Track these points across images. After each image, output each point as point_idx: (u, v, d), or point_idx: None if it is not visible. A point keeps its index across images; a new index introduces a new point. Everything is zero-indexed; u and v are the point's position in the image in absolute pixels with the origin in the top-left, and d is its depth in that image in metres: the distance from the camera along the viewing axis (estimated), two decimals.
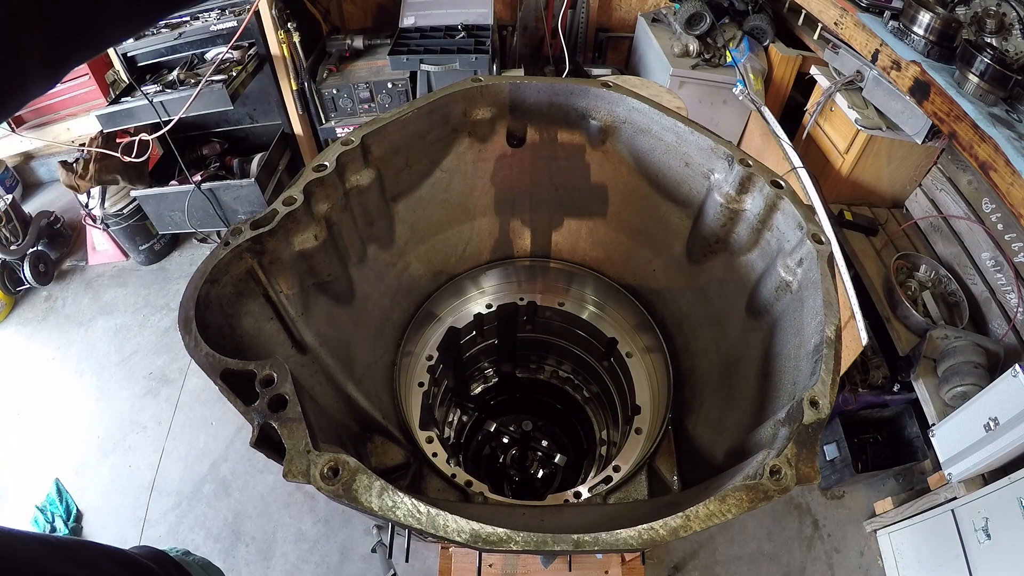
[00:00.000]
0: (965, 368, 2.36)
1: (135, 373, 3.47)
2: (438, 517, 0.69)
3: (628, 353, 1.65)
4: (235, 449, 3.10)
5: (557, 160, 1.50)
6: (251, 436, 0.77)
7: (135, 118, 2.96)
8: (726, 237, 1.32)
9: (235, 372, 0.82)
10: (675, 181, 1.38)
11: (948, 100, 2.06)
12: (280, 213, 1.06)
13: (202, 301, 0.93)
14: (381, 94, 3.43)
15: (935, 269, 2.90)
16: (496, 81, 1.32)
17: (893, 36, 2.38)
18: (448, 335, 1.68)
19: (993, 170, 1.89)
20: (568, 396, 2.09)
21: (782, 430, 0.90)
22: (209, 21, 3.11)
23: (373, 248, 1.43)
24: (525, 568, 2.16)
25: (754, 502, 0.74)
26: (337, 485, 0.70)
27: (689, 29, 3.54)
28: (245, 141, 3.73)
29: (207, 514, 2.88)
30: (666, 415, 1.45)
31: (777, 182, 1.14)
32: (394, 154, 1.31)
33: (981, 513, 2.11)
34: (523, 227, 1.72)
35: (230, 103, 2.86)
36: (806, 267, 1.08)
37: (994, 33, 2.22)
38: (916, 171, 3.13)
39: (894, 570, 2.58)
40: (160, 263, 4.10)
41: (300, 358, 1.24)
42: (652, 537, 0.71)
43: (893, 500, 2.69)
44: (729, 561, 2.70)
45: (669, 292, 1.59)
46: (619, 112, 1.35)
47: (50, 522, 2.82)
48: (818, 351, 0.92)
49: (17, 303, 3.91)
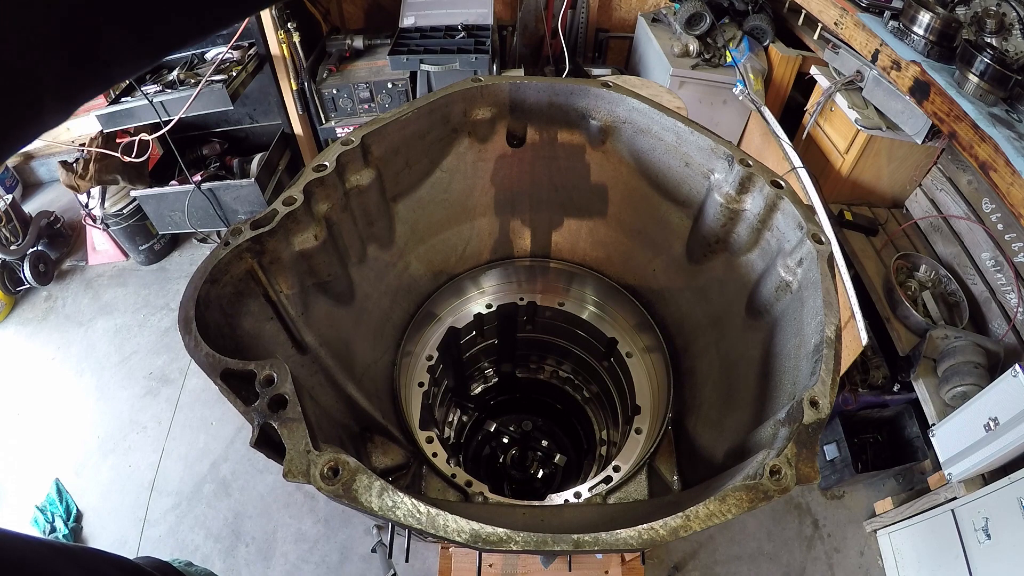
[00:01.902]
0: (965, 368, 2.36)
1: (135, 373, 3.48)
2: (438, 517, 0.69)
3: (628, 353, 1.65)
4: (235, 449, 3.11)
5: (557, 160, 1.50)
6: (251, 436, 0.77)
7: (135, 118, 2.96)
8: (726, 237, 1.32)
9: (235, 372, 0.82)
10: (675, 181, 1.38)
11: (948, 100, 2.06)
12: (280, 213, 1.06)
13: (202, 301, 0.93)
14: (381, 94, 3.44)
15: (935, 269, 2.90)
16: (496, 81, 1.32)
17: (893, 36, 2.38)
18: (448, 335, 1.68)
19: (993, 170, 1.89)
20: (568, 396, 2.09)
21: (782, 430, 0.90)
22: None
23: (373, 248, 1.43)
24: (525, 568, 2.16)
25: (754, 502, 0.74)
26: (337, 485, 0.70)
27: (689, 29, 3.55)
28: (245, 141, 3.74)
29: (207, 514, 2.89)
30: (666, 415, 1.45)
31: (777, 182, 1.14)
32: (394, 154, 1.31)
33: (981, 513, 2.11)
34: (523, 227, 1.72)
35: (230, 103, 2.87)
36: (806, 267, 1.08)
37: (994, 33, 2.22)
38: (916, 171, 3.13)
39: (894, 570, 2.58)
40: (160, 263, 4.10)
41: (300, 358, 1.24)
42: (652, 537, 0.71)
43: (893, 500, 2.69)
44: (729, 561, 2.70)
45: (669, 292, 1.59)
46: (619, 112, 1.35)
47: (50, 522, 2.82)
48: (818, 351, 0.93)
49: (17, 303, 3.91)
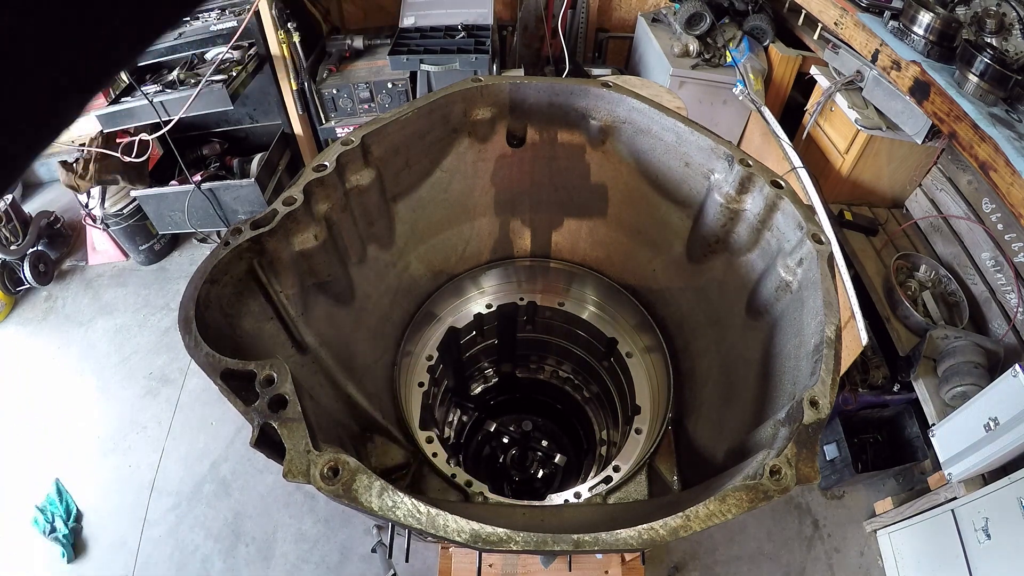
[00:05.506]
0: (965, 368, 2.36)
1: (135, 373, 3.47)
2: (438, 517, 0.69)
3: (628, 353, 1.65)
4: (235, 449, 3.10)
5: (557, 160, 1.50)
6: (251, 436, 0.77)
7: (135, 118, 2.96)
8: (726, 237, 1.32)
9: (235, 372, 0.82)
10: (675, 181, 1.38)
11: (948, 100, 2.06)
12: (280, 213, 1.06)
13: (202, 301, 0.93)
14: (381, 94, 3.44)
15: (935, 269, 2.90)
16: (496, 81, 1.32)
17: (893, 36, 2.38)
18: (448, 335, 1.68)
19: (993, 170, 1.89)
20: (568, 396, 2.09)
21: (782, 430, 0.90)
22: (209, 21, 3.11)
23: (373, 248, 1.43)
24: (525, 568, 2.16)
25: (754, 502, 0.74)
26: (337, 485, 0.70)
27: (689, 29, 3.55)
28: (245, 141, 3.73)
29: (207, 514, 2.88)
30: (666, 415, 1.45)
31: (777, 182, 1.14)
32: (394, 154, 1.31)
33: (981, 513, 2.11)
34: (523, 227, 1.72)
35: (230, 103, 2.87)
36: (806, 267, 1.08)
37: (994, 33, 2.22)
38: (916, 171, 3.13)
39: (894, 570, 2.58)
40: (160, 263, 4.10)
41: (300, 358, 1.24)
42: (652, 537, 0.71)
43: (893, 500, 2.69)
44: (729, 561, 2.70)
45: (669, 292, 1.59)
46: (619, 112, 1.35)
47: (50, 522, 2.82)
48: (818, 351, 0.93)
49: (17, 303, 3.91)
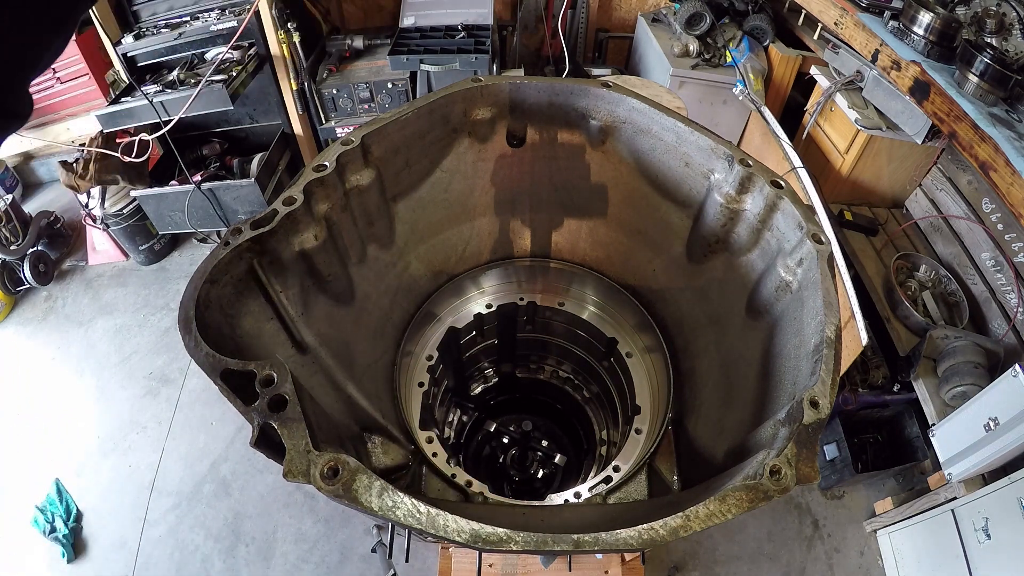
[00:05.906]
0: (965, 368, 2.36)
1: (135, 373, 3.47)
2: (438, 517, 0.69)
3: (628, 353, 1.65)
4: (235, 449, 3.10)
5: (557, 160, 1.50)
6: (251, 436, 0.77)
7: (135, 118, 2.96)
8: (726, 237, 1.32)
9: (235, 372, 0.82)
10: (675, 181, 1.38)
11: (948, 100, 2.06)
12: (280, 213, 1.06)
13: (202, 301, 0.93)
14: (381, 94, 3.44)
15: (935, 269, 2.90)
16: (496, 81, 1.32)
17: (893, 36, 2.38)
18: (448, 335, 1.68)
19: (993, 170, 1.89)
20: (568, 396, 2.09)
21: (782, 430, 0.90)
22: (209, 21, 3.11)
23: (373, 248, 1.43)
24: (525, 568, 2.16)
25: (754, 502, 0.74)
26: (337, 485, 0.70)
27: (689, 29, 3.55)
28: (245, 141, 3.73)
29: (207, 514, 2.88)
30: (666, 415, 1.45)
31: (777, 182, 1.14)
32: (394, 154, 1.31)
33: (981, 513, 2.11)
34: (523, 227, 1.72)
35: (230, 103, 2.86)
36: (806, 267, 1.08)
37: (994, 33, 2.22)
38: (916, 171, 3.13)
39: (894, 570, 2.58)
40: (160, 263, 4.10)
41: (300, 358, 1.24)
42: (652, 537, 0.71)
43: (893, 500, 2.69)
44: (729, 561, 2.70)
45: (669, 292, 1.59)
46: (619, 112, 1.35)
47: (50, 522, 2.82)
48: (818, 351, 0.93)
49: (17, 303, 3.91)
